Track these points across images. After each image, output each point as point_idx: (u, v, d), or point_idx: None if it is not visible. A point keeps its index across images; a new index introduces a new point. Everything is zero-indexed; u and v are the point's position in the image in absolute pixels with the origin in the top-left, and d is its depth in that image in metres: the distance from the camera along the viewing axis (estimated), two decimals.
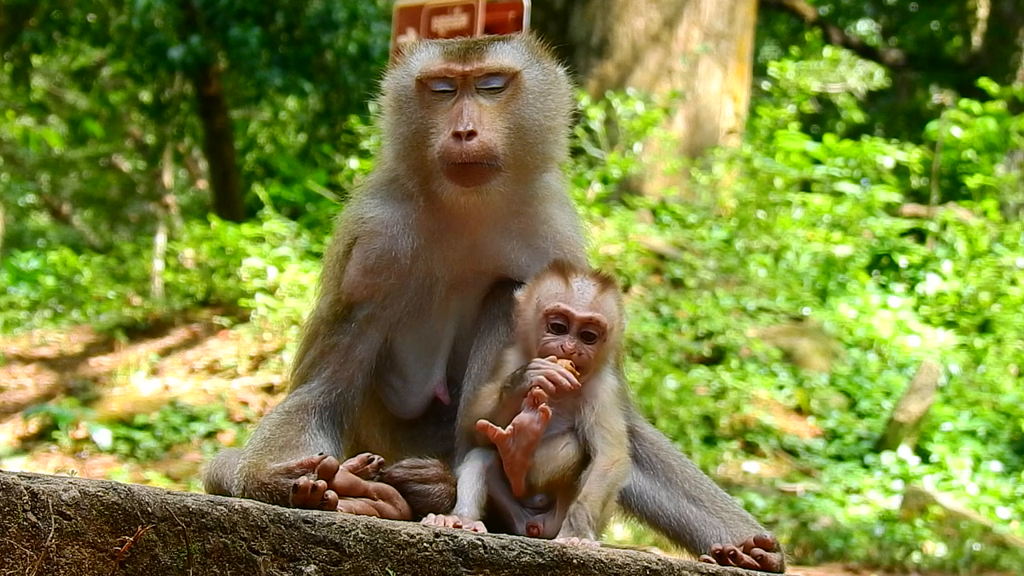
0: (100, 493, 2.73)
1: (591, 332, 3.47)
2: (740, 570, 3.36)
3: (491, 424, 3.40)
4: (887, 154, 16.95)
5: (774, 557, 3.46)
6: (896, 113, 27.80)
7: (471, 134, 3.49)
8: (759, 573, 3.40)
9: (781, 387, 12.51)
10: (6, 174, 29.66)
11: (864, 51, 25.31)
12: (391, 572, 2.92)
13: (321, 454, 3.27)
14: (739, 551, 3.43)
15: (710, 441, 11.53)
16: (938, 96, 26.18)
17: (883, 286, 14.96)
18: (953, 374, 12.90)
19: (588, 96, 15.91)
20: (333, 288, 3.70)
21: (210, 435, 11.87)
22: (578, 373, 3.43)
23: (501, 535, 3.12)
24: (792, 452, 11.63)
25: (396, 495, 3.40)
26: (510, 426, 3.39)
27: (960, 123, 17.73)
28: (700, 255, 14.56)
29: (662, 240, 15.01)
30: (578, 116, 3.85)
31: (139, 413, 12.19)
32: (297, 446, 3.47)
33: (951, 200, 17.23)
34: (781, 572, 3.47)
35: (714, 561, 3.39)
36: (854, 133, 21.55)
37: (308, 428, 3.55)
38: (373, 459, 3.40)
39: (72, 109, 25.86)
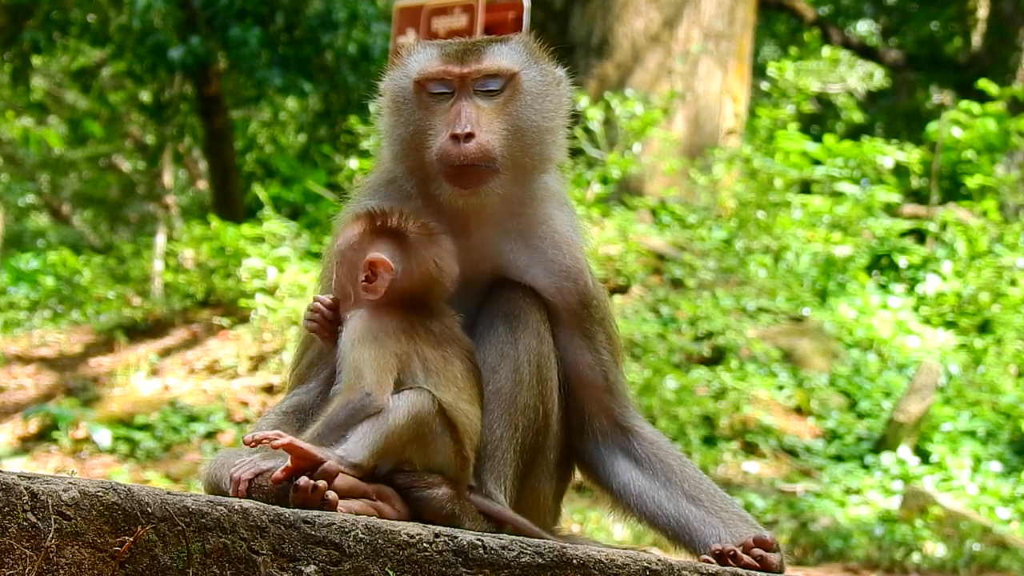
0: (100, 493, 2.73)
1: None
2: (740, 570, 3.36)
3: None
4: (887, 154, 16.92)
5: (774, 557, 3.46)
6: (896, 113, 27.80)
7: (469, 136, 3.49)
8: (759, 573, 3.40)
9: (781, 387, 12.50)
10: (6, 174, 29.66)
11: (864, 51, 25.30)
12: (391, 572, 2.92)
13: None
14: (739, 551, 3.43)
15: (710, 441, 11.52)
16: (938, 96, 26.19)
17: (883, 286, 14.94)
18: (953, 374, 12.88)
19: (588, 96, 15.90)
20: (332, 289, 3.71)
21: (210, 435, 11.87)
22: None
23: (501, 535, 3.12)
24: (792, 452, 11.62)
25: (396, 496, 3.39)
26: None
27: (960, 123, 17.72)
28: (700, 255, 14.55)
29: (662, 240, 15.01)
30: (577, 117, 3.85)
31: (139, 413, 12.19)
32: None
33: (951, 200, 17.22)
34: (781, 572, 3.47)
35: (714, 561, 3.39)
36: (854, 133, 21.52)
37: (306, 429, 3.55)
38: None
39: (72, 109, 25.85)
